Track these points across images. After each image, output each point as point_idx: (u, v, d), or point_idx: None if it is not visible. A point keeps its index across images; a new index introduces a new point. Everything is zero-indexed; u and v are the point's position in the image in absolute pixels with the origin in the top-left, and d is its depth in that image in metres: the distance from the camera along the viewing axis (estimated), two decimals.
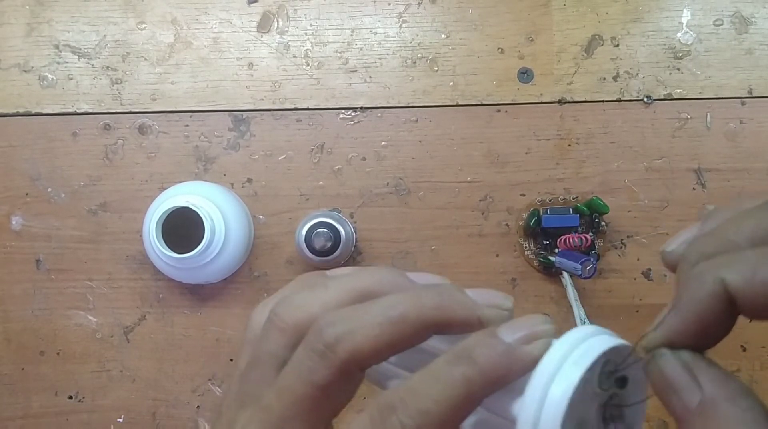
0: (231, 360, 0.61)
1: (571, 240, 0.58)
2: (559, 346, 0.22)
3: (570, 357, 0.22)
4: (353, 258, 0.61)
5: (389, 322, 0.23)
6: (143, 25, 0.62)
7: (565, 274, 0.59)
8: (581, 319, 0.58)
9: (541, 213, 0.59)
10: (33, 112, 0.62)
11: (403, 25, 0.62)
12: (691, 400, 0.20)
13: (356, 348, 0.23)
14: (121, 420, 0.61)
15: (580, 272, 0.55)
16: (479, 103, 0.61)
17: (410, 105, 0.62)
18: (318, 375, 0.23)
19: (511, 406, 0.23)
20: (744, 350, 0.61)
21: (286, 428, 0.24)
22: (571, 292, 0.58)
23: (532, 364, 0.22)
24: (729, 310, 0.21)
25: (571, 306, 0.59)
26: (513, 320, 0.23)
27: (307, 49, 0.62)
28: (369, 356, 0.23)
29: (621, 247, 0.61)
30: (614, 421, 0.23)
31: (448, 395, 0.22)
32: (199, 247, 0.54)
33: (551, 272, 0.60)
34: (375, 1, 0.62)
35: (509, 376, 0.22)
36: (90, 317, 0.61)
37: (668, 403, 0.21)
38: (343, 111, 0.62)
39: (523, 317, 0.23)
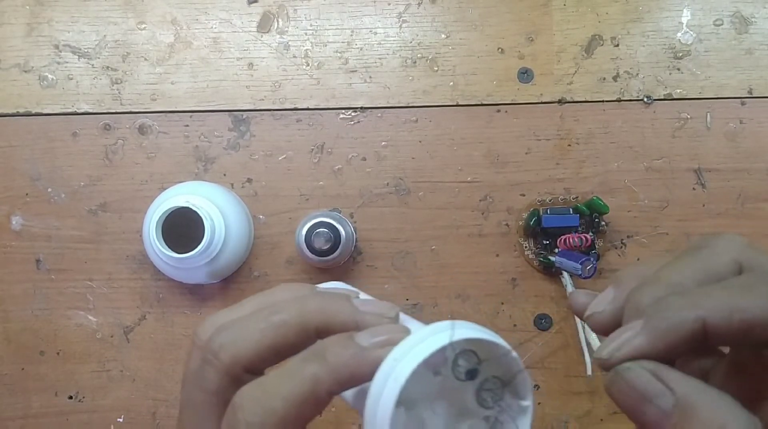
0: None
1: (571, 240, 0.58)
2: (398, 349, 0.23)
3: (404, 358, 0.23)
4: (353, 258, 0.61)
5: (271, 326, 0.25)
6: (143, 25, 0.62)
7: (565, 274, 0.59)
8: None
9: (541, 213, 0.59)
10: (33, 112, 0.62)
11: (403, 25, 0.62)
12: (667, 403, 0.21)
13: (238, 352, 0.24)
14: (121, 420, 0.61)
15: (580, 272, 0.55)
16: (479, 103, 0.61)
17: (410, 105, 0.62)
18: (207, 381, 0.25)
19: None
20: None
21: None
22: None
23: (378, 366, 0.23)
24: (697, 343, 0.22)
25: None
26: (374, 327, 0.24)
27: (307, 49, 0.62)
28: (252, 360, 0.24)
29: (621, 247, 0.61)
30: (496, 401, 0.24)
31: (296, 392, 0.23)
32: (199, 247, 0.54)
33: (551, 272, 0.60)
34: (375, 1, 0.62)
35: (358, 377, 0.23)
36: (90, 317, 0.61)
37: (641, 413, 0.22)
38: (343, 111, 0.62)
39: (385, 326, 0.25)
